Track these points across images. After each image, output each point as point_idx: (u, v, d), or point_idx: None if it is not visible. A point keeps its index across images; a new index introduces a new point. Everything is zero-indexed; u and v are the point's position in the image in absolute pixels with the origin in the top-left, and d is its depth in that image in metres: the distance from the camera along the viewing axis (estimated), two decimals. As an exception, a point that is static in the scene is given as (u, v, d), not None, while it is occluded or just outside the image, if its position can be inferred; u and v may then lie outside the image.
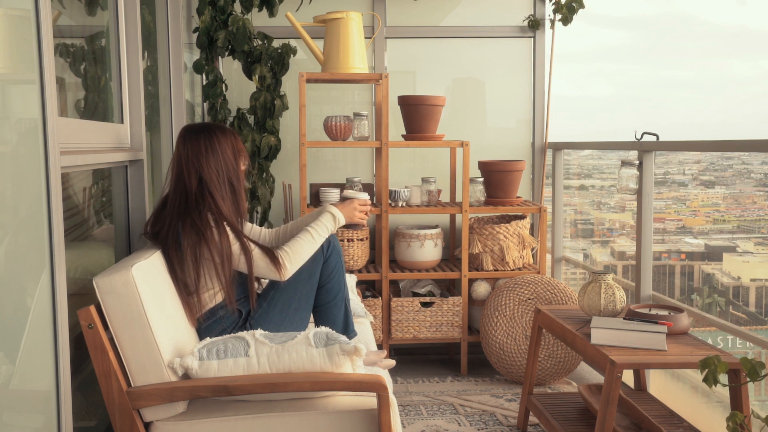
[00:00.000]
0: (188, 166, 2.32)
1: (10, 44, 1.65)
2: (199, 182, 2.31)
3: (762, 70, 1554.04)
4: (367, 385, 1.99)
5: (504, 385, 3.57)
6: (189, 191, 2.31)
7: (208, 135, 2.35)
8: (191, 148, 2.33)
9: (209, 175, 2.32)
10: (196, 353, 2.02)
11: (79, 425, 2.28)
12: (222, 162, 2.34)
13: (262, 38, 3.78)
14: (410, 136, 3.76)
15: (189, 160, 2.32)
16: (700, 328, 3.12)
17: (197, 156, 2.32)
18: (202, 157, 2.32)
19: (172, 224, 2.28)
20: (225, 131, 2.39)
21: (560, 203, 4.21)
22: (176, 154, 2.37)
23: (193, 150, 2.33)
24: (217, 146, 2.34)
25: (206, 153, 2.33)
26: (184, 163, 2.33)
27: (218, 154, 2.34)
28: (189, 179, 2.31)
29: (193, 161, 2.32)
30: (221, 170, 2.34)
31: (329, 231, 2.48)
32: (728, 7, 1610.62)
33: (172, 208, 2.31)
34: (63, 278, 1.70)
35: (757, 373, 1.54)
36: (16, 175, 1.60)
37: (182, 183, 2.32)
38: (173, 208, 2.30)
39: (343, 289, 2.54)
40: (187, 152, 2.33)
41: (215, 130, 2.37)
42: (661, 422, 2.55)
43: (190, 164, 2.32)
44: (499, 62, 4.26)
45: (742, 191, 5.68)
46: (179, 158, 2.35)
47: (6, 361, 1.56)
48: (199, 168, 2.31)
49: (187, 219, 2.27)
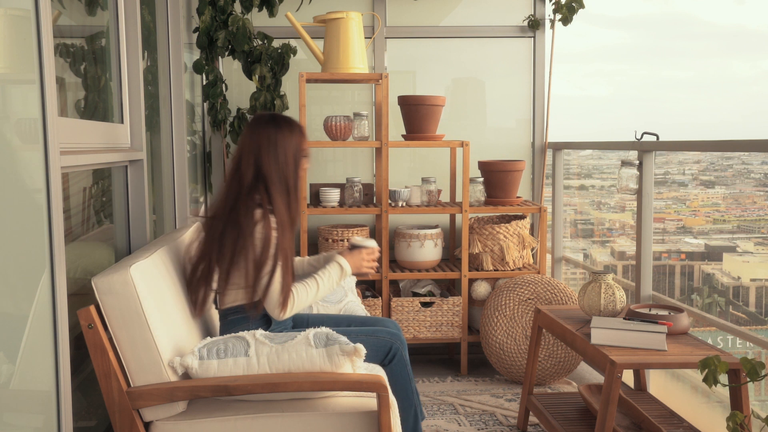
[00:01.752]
0: (248, 155, 2.26)
1: (10, 44, 1.65)
2: (256, 175, 2.25)
3: (761, 69, 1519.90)
4: (367, 385, 1.99)
5: (504, 385, 3.57)
6: (243, 182, 2.25)
7: (275, 127, 2.28)
8: (255, 137, 2.27)
9: (267, 170, 2.25)
10: (196, 352, 2.02)
11: (79, 425, 2.28)
12: (283, 158, 2.27)
13: (262, 38, 3.78)
14: (410, 136, 3.75)
15: (250, 149, 2.26)
16: (700, 328, 3.12)
17: (259, 147, 2.26)
18: (263, 149, 2.25)
19: (224, 212, 2.24)
20: (293, 127, 2.32)
21: (560, 203, 4.21)
22: (240, 140, 2.31)
23: (255, 139, 2.27)
24: (281, 140, 2.27)
25: (268, 145, 2.26)
26: (246, 151, 2.27)
27: (281, 149, 2.27)
28: (246, 169, 2.25)
29: (254, 151, 2.26)
30: (280, 167, 2.26)
31: (336, 282, 2.39)
32: (727, 8, 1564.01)
33: (225, 196, 2.26)
34: (63, 278, 1.70)
35: (757, 373, 1.54)
36: (16, 175, 1.60)
37: (239, 172, 2.26)
38: (226, 196, 2.26)
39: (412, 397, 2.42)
40: (250, 140, 2.27)
41: (283, 124, 2.30)
42: (661, 422, 2.55)
43: (251, 154, 2.26)
44: (499, 62, 4.26)
45: (742, 191, 5.68)
46: (242, 146, 2.28)
47: (6, 361, 1.56)
48: (259, 159, 2.25)
49: (235, 210, 2.22)
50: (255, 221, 2.20)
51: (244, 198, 2.23)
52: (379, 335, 2.40)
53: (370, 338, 2.39)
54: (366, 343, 2.34)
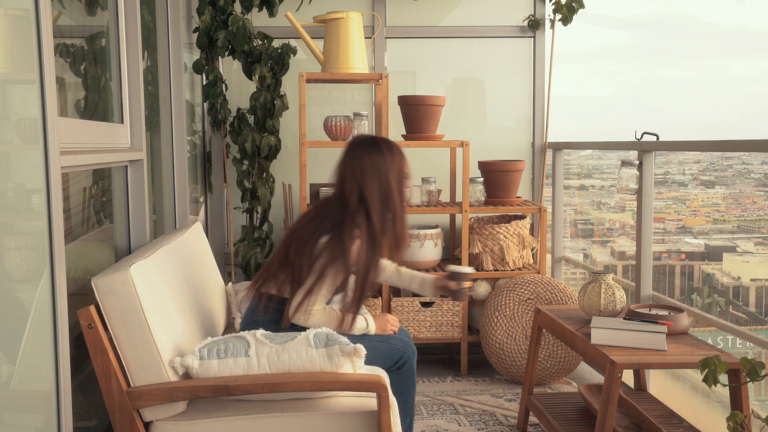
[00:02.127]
0: (351, 179, 2.32)
1: (10, 44, 1.65)
2: (360, 199, 2.31)
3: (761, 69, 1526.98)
4: (367, 385, 1.99)
5: (504, 385, 3.57)
6: (348, 205, 2.32)
7: (377, 151, 2.34)
8: (356, 162, 2.33)
9: (371, 195, 2.31)
10: (196, 352, 2.02)
11: (79, 425, 2.28)
12: (385, 182, 2.32)
13: (262, 38, 3.78)
14: (410, 136, 3.75)
15: (353, 174, 2.32)
16: (700, 328, 3.12)
17: (362, 172, 2.31)
18: (366, 175, 2.31)
19: (319, 228, 2.31)
20: (393, 151, 2.37)
21: (560, 203, 4.21)
22: (341, 164, 2.37)
23: (357, 164, 2.33)
24: (382, 165, 2.33)
25: (370, 170, 2.32)
26: (348, 176, 2.33)
27: (382, 173, 2.32)
28: (350, 194, 2.32)
29: (356, 176, 2.32)
30: (383, 190, 2.32)
31: (355, 331, 2.40)
32: (727, 8, 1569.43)
33: (327, 213, 2.33)
34: (63, 278, 1.70)
35: (757, 373, 1.54)
36: (16, 175, 1.60)
37: (343, 195, 2.33)
38: (328, 214, 2.32)
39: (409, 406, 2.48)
40: (351, 165, 2.33)
41: (384, 148, 2.36)
42: (661, 422, 2.55)
43: (353, 178, 2.32)
44: (499, 62, 4.26)
45: (742, 191, 5.69)
46: (343, 170, 2.35)
47: (6, 361, 1.56)
48: (362, 184, 2.31)
49: (337, 230, 2.28)
50: (354, 239, 2.27)
51: (348, 219, 2.30)
52: (392, 342, 2.43)
53: (382, 344, 2.41)
54: (378, 349, 2.38)
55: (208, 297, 2.64)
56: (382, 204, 2.32)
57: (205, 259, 2.84)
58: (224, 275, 3.97)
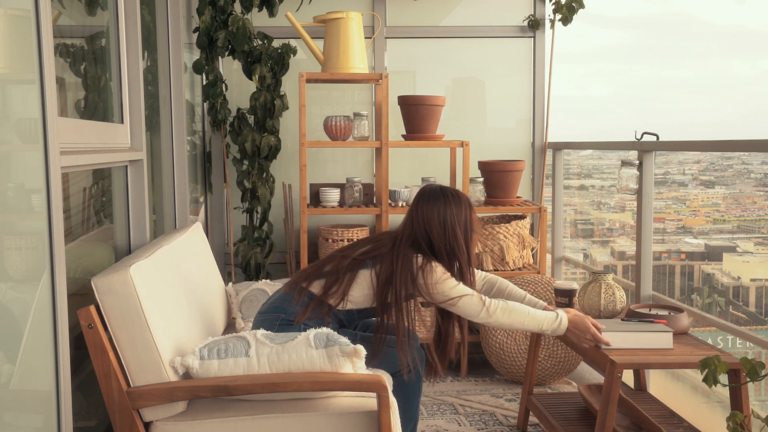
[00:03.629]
0: (419, 227, 2.40)
1: (10, 44, 1.65)
2: (428, 245, 2.39)
3: (761, 69, 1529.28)
4: (367, 385, 1.99)
5: (504, 385, 3.57)
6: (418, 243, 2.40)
7: (444, 203, 2.40)
8: (424, 212, 2.40)
9: (437, 243, 2.38)
10: (197, 353, 2.02)
11: (79, 425, 2.28)
12: (451, 232, 2.38)
13: (262, 38, 3.78)
14: (410, 136, 3.75)
15: (420, 222, 2.40)
16: (700, 328, 3.12)
17: (429, 222, 2.38)
18: (433, 224, 2.38)
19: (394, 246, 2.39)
20: (461, 202, 2.43)
21: (560, 203, 4.21)
22: (408, 214, 2.45)
23: (425, 214, 2.40)
24: (449, 216, 2.39)
25: (437, 221, 2.38)
26: (416, 224, 2.41)
27: (449, 224, 2.38)
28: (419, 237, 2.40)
29: (424, 224, 2.39)
30: (449, 240, 2.38)
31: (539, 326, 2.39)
32: (727, 8, 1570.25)
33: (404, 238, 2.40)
34: (63, 278, 1.70)
35: (757, 373, 1.54)
36: (16, 175, 1.60)
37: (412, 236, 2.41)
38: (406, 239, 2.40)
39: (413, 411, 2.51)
40: (418, 215, 2.41)
41: (451, 200, 2.41)
42: (661, 422, 2.55)
43: (421, 226, 2.40)
44: (499, 62, 4.26)
45: (742, 191, 5.69)
46: (411, 219, 2.43)
47: (6, 361, 1.56)
48: (430, 232, 2.38)
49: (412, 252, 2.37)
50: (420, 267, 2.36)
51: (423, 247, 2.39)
52: None
53: (393, 350, 2.43)
54: (388, 354, 2.42)
55: (208, 297, 2.64)
56: (448, 254, 2.39)
57: (205, 259, 2.85)
58: (224, 275, 3.97)
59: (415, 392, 2.49)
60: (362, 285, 2.39)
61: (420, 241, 2.39)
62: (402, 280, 2.34)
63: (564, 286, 2.76)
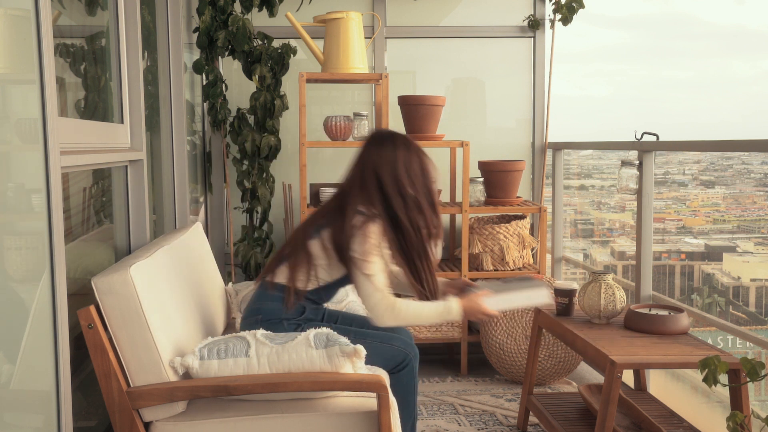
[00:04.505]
0: (369, 169, 2.36)
1: (10, 44, 1.65)
2: (378, 186, 2.33)
3: (761, 69, 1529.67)
4: (367, 385, 1.99)
5: (504, 385, 3.57)
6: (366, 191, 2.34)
7: (394, 147, 2.36)
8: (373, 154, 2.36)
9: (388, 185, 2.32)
10: (196, 353, 2.02)
11: (79, 425, 2.28)
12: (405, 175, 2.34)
13: (262, 38, 3.78)
14: (410, 136, 3.75)
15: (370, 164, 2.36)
16: (700, 328, 3.12)
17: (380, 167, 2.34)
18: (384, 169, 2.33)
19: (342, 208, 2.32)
20: (410, 147, 2.38)
21: (560, 203, 4.21)
22: (359, 157, 2.40)
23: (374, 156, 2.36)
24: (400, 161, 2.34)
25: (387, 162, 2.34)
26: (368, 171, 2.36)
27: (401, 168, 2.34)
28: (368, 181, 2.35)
29: (374, 166, 2.35)
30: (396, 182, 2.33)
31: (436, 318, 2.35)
32: (727, 8, 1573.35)
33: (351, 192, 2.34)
34: (63, 278, 1.70)
35: (757, 373, 1.54)
36: (16, 175, 1.60)
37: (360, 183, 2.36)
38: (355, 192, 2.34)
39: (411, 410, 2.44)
40: (368, 157, 2.37)
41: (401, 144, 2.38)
42: (661, 422, 2.55)
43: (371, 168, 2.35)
44: (499, 62, 4.26)
45: (742, 191, 5.69)
46: (361, 162, 2.39)
47: (6, 361, 1.56)
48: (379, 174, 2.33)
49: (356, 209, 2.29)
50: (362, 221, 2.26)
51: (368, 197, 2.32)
52: (394, 343, 2.40)
53: (385, 345, 2.39)
54: (380, 350, 2.37)
55: (208, 297, 2.64)
56: (399, 195, 2.31)
57: (205, 259, 2.84)
58: (224, 275, 3.97)
59: (411, 389, 2.43)
60: (318, 257, 2.32)
61: (371, 191, 2.32)
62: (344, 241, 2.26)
63: (564, 286, 2.76)
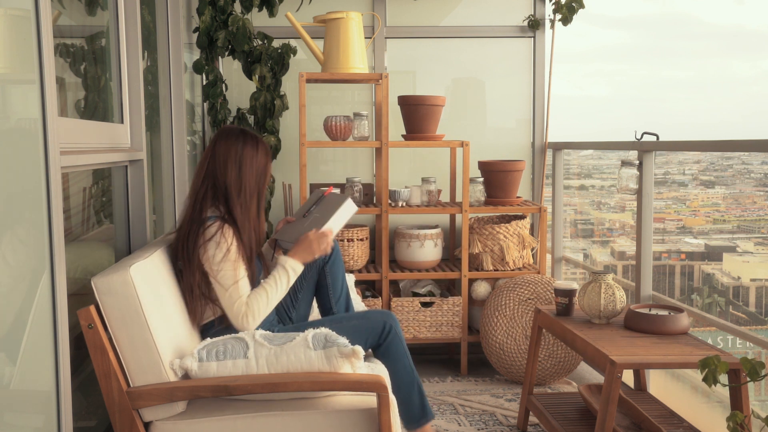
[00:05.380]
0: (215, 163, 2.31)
1: (10, 44, 1.65)
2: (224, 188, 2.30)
3: (761, 69, 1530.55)
4: (367, 385, 1.99)
5: (504, 385, 3.57)
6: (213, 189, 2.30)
7: (243, 142, 2.32)
8: (224, 149, 2.31)
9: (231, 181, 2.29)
10: (195, 354, 2.02)
11: (79, 425, 2.28)
12: (246, 171, 2.31)
13: (262, 38, 3.78)
14: (410, 136, 3.75)
15: (218, 158, 2.31)
16: (700, 328, 3.12)
17: (225, 161, 2.30)
18: (229, 161, 2.30)
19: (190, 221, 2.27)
20: (257, 146, 2.35)
21: (560, 203, 4.21)
22: (209, 149, 2.35)
23: (221, 153, 2.31)
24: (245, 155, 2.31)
25: (234, 158, 2.30)
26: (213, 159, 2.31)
27: (245, 163, 2.31)
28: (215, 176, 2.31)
29: (219, 164, 2.30)
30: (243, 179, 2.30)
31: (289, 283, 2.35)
32: (726, 8, 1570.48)
33: (192, 203, 2.30)
34: (63, 278, 1.70)
35: (757, 373, 1.54)
36: (16, 175, 1.60)
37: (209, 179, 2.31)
38: (194, 203, 2.30)
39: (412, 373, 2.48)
40: (220, 151, 2.32)
41: (249, 141, 2.34)
42: (661, 422, 2.55)
43: (219, 163, 2.30)
44: (499, 62, 4.26)
45: (742, 191, 5.69)
46: (211, 154, 2.33)
47: (6, 361, 1.56)
48: (224, 169, 2.30)
49: (205, 221, 2.25)
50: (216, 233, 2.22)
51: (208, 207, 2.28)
52: (371, 316, 2.44)
53: (363, 321, 2.41)
54: (360, 327, 2.39)
55: (208, 297, 2.63)
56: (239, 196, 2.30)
57: (205, 259, 2.84)
58: (224, 275, 3.96)
59: (403, 352, 2.43)
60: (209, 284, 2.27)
61: (217, 186, 2.29)
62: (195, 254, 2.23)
63: (564, 286, 2.76)
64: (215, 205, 2.30)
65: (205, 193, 2.29)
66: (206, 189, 2.30)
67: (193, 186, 2.35)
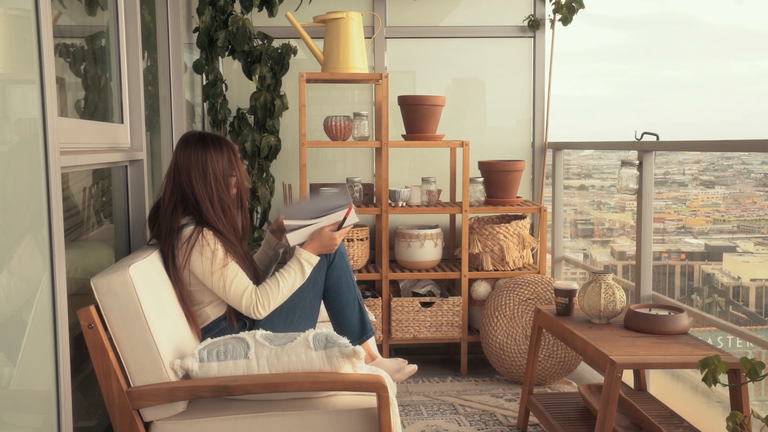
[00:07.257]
0: (180, 175, 2.34)
1: (10, 44, 1.65)
2: (192, 192, 2.32)
3: (761, 69, 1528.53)
4: (367, 385, 1.99)
5: (504, 385, 3.57)
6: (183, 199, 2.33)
7: (203, 148, 2.34)
8: (184, 158, 2.34)
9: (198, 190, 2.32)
10: (196, 355, 2.02)
11: (79, 425, 2.28)
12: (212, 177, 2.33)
13: (262, 38, 3.78)
14: (410, 136, 3.75)
15: (181, 169, 2.34)
16: (700, 328, 3.12)
17: (188, 167, 2.32)
18: (192, 170, 2.32)
19: (168, 232, 2.30)
20: (221, 146, 2.37)
21: (560, 203, 4.21)
22: (173, 160, 2.38)
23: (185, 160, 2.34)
24: (208, 161, 2.33)
25: (197, 166, 2.32)
26: (177, 171, 2.35)
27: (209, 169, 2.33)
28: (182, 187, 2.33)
29: (184, 171, 2.33)
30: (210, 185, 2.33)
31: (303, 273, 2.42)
32: (725, 7, 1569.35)
33: (165, 215, 2.32)
34: (63, 278, 1.70)
35: (757, 373, 1.54)
36: (16, 175, 1.60)
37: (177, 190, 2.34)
38: (167, 215, 2.32)
39: (353, 290, 2.55)
40: (182, 161, 2.34)
41: (210, 145, 2.35)
42: (661, 422, 2.55)
43: (182, 174, 2.33)
44: (499, 62, 4.26)
45: (742, 191, 5.69)
46: (175, 165, 2.36)
47: (6, 361, 1.56)
48: (189, 179, 2.32)
49: (182, 229, 2.28)
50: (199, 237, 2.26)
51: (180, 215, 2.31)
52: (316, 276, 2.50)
53: (311, 297, 2.50)
54: (313, 303, 2.50)
55: (208, 297, 2.63)
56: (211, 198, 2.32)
57: (205, 259, 2.84)
58: (224, 275, 3.96)
59: (348, 271, 2.53)
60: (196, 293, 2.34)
61: (186, 195, 2.32)
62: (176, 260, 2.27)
63: (564, 286, 2.76)
64: (188, 214, 2.33)
65: (175, 207, 2.32)
66: (175, 203, 2.32)
67: (163, 199, 2.36)
